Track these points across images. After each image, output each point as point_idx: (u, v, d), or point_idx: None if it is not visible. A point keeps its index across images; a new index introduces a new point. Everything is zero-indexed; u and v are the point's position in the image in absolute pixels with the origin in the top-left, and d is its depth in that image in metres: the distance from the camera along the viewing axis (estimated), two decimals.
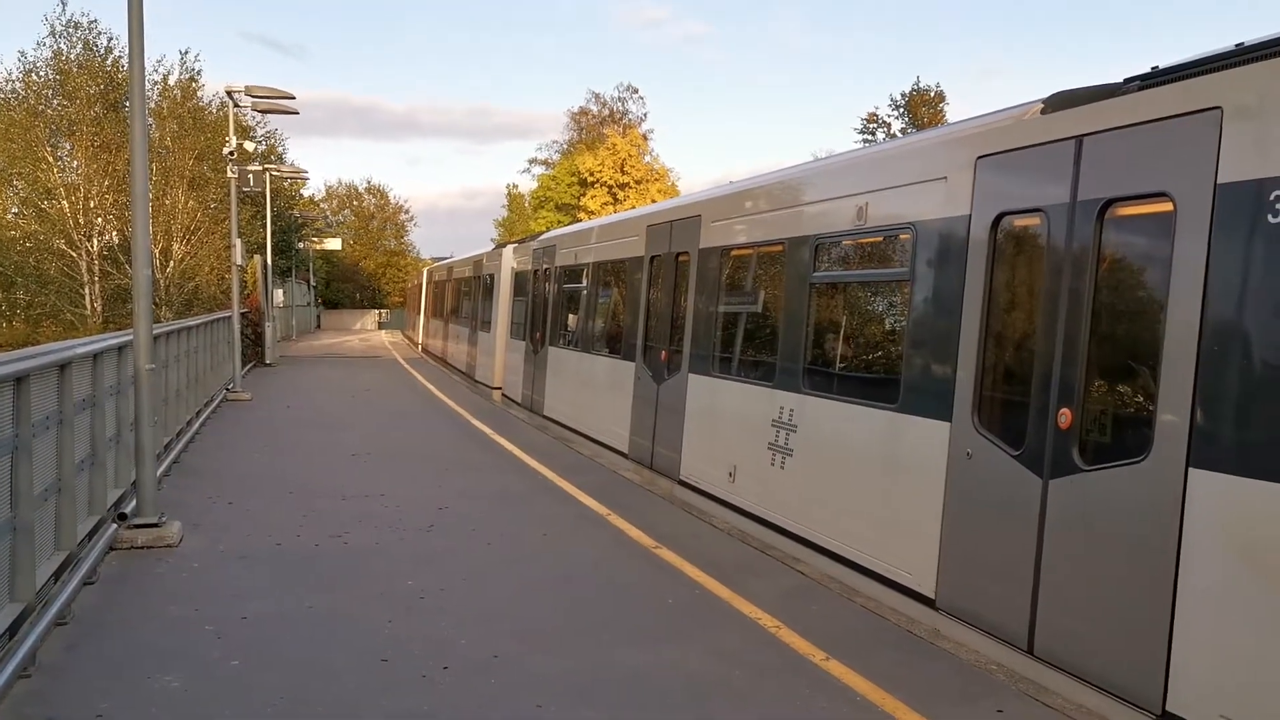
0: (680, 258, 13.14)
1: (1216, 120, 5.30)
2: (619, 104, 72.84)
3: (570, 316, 19.11)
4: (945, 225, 7.55)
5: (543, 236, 23.30)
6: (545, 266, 20.72)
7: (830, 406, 9.16)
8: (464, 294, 33.17)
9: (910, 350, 7.96)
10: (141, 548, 8.89)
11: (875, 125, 59.30)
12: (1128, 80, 6.27)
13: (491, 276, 26.90)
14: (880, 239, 8.85)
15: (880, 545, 8.12)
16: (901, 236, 8.26)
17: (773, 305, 10.69)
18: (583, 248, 18.26)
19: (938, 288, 7.63)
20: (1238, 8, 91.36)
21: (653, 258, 14.29)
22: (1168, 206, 5.59)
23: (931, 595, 7.40)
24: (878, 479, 8.24)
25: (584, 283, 18.00)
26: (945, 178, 7.61)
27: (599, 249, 17.40)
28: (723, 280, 11.86)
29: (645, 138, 70.54)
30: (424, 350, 45.46)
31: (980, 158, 7.21)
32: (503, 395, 24.45)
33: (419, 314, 51.61)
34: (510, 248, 26.09)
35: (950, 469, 7.24)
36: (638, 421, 14.31)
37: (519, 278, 23.73)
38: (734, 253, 11.77)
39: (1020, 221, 6.90)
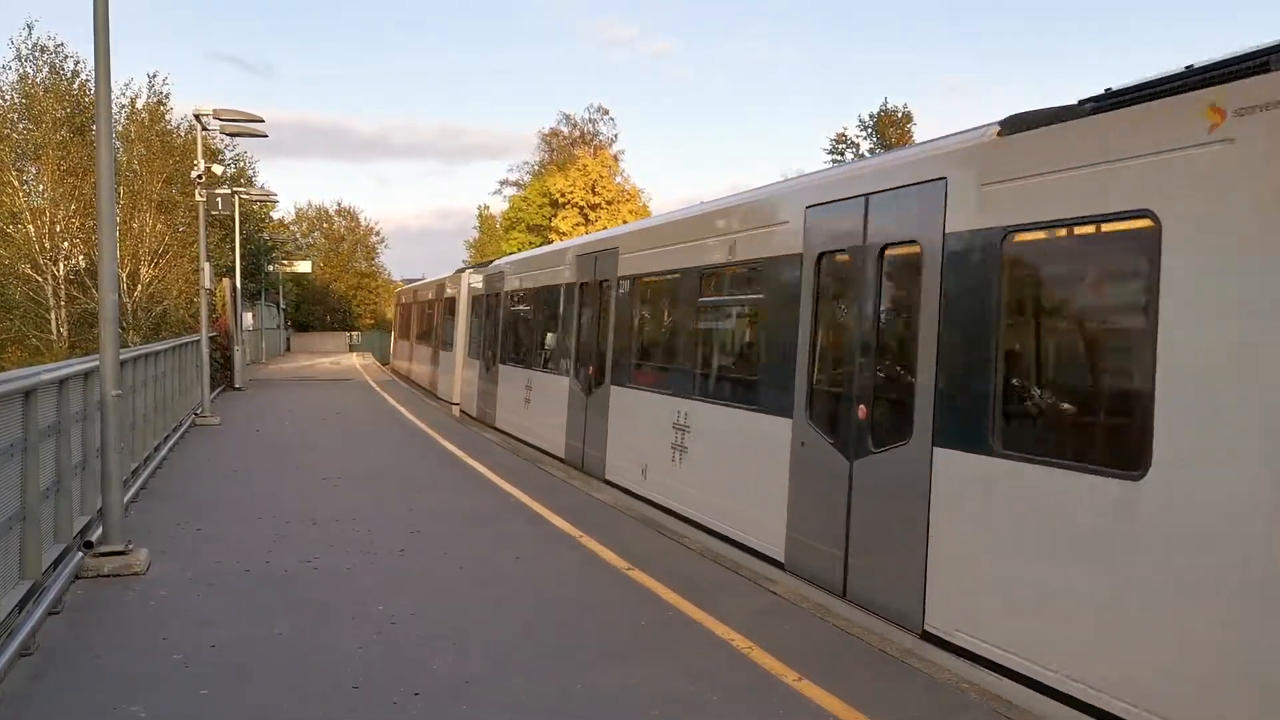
0: (604, 284, 14.83)
1: (942, 189, 7.17)
2: (590, 125, 73.17)
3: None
4: (786, 261, 9.35)
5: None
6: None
7: (712, 410, 10.97)
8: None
9: (764, 363, 9.86)
10: (108, 576, 8.78)
11: (844, 145, 59.92)
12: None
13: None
14: (746, 270, 10.48)
15: (754, 523, 9.69)
16: (759, 268, 9.98)
17: (670, 326, 12.48)
18: None
19: (782, 312, 9.40)
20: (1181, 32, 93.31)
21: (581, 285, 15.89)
22: (916, 250, 7.43)
23: (782, 560, 9.13)
24: (748, 468, 9.90)
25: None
26: (787, 222, 9.38)
27: None
28: (635, 304, 13.76)
29: (616, 158, 70.82)
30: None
31: (809, 207, 9.02)
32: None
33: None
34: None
35: (792, 456, 8.97)
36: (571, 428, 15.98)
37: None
38: (644, 280, 13.49)
39: (839, 258, 8.65)
